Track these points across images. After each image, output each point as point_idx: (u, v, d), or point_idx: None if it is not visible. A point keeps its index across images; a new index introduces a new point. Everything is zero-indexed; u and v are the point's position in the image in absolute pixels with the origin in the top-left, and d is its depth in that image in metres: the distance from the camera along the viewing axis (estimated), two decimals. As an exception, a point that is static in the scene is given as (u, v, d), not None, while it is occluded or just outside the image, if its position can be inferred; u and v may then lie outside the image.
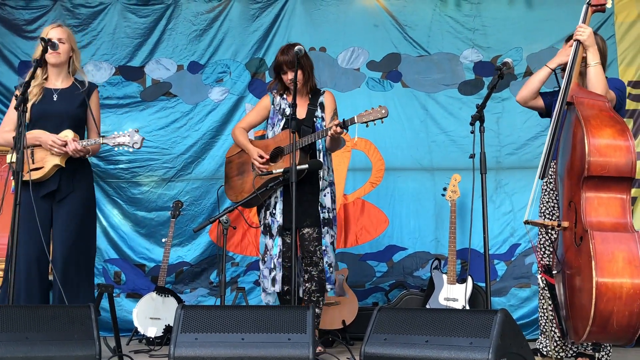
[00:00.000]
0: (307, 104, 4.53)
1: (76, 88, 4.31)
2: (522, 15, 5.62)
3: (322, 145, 4.46)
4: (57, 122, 4.20)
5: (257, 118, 4.69)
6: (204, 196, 5.68)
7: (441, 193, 5.32)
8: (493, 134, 5.43)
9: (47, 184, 4.15)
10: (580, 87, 3.68)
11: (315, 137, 4.32)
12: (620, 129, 3.40)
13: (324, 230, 4.41)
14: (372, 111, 4.17)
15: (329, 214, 4.45)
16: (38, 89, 4.25)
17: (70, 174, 4.19)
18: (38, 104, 4.22)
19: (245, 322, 3.13)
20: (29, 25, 5.79)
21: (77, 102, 4.28)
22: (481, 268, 3.76)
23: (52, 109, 4.22)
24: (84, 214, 4.25)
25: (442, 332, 3.02)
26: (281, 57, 4.46)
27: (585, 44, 3.71)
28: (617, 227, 3.32)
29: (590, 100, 3.56)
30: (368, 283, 5.52)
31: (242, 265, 5.63)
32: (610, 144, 3.36)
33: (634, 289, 3.17)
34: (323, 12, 5.76)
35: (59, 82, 4.31)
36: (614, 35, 5.45)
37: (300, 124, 4.42)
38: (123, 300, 5.54)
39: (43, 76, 4.29)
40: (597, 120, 3.42)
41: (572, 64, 3.70)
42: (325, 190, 4.45)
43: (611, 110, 3.53)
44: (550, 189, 3.95)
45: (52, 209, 4.17)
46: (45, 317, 3.15)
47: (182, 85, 5.79)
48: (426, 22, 5.71)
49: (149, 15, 5.80)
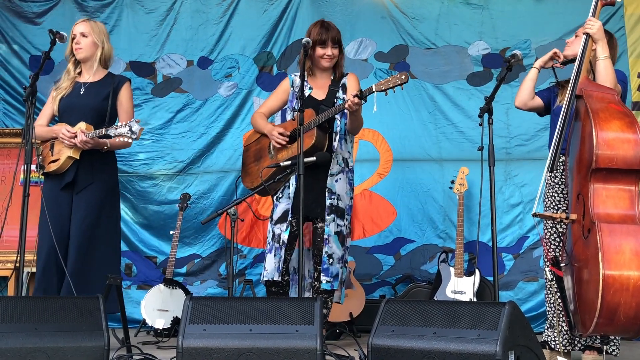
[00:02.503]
0: (328, 85, 4.34)
1: (106, 81, 4.33)
2: (530, 8, 5.61)
3: (340, 128, 4.21)
4: (81, 115, 4.21)
5: (277, 102, 4.48)
6: (213, 189, 5.71)
7: (449, 186, 5.31)
8: (502, 124, 5.43)
9: (63, 175, 4.18)
10: (589, 80, 3.67)
11: (332, 112, 4.06)
12: (629, 121, 3.40)
13: (329, 218, 4.15)
14: (390, 78, 3.87)
15: (339, 201, 4.19)
16: (69, 83, 4.30)
17: (88, 165, 4.19)
18: (66, 97, 4.27)
19: (253, 313, 3.13)
20: (37, 19, 5.82)
21: (103, 95, 4.29)
22: (489, 261, 3.76)
23: (77, 103, 4.25)
24: (104, 205, 4.24)
25: (450, 324, 3.01)
26: (325, 33, 4.22)
27: (594, 37, 3.69)
28: (625, 219, 3.32)
29: (600, 93, 3.55)
30: (375, 277, 5.53)
31: (249, 257, 5.65)
32: (619, 137, 3.35)
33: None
34: (330, 4, 5.77)
35: (89, 76, 4.34)
36: (623, 27, 5.45)
37: (319, 104, 4.21)
38: (134, 292, 5.59)
39: (76, 70, 4.34)
40: (605, 113, 3.42)
41: (581, 57, 3.67)
42: (338, 176, 4.20)
43: (620, 103, 3.53)
44: (555, 183, 3.95)
45: (72, 200, 4.18)
46: (54, 308, 3.16)
47: (192, 81, 5.82)
48: (434, 15, 5.71)
49: (157, 8, 5.82)
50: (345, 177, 4.24)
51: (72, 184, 4.17)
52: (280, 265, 4.15)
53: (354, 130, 4.31)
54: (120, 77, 4.41)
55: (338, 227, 4.19)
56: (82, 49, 4.28)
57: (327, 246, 4.15)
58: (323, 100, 4.27)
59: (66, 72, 4.37)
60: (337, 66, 4.35)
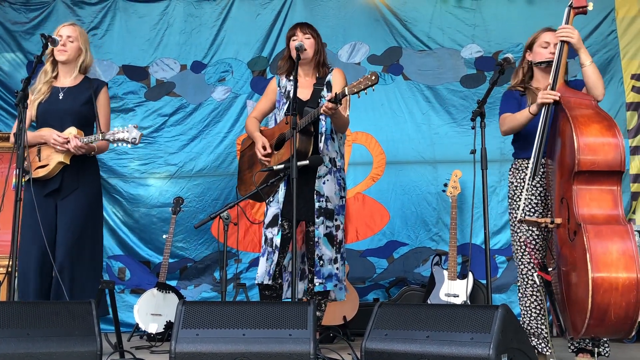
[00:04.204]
0: (313, 83, 4.32)
1: (84, 86, 4.30)
2: (522, 11, 5.63)
3: (325, 129, 4.19)
4: (61, 120, 4.20)
5: (268, 104, 4.49)
6: (206, 193, 5.70)
7: (442, 189, 5.32)
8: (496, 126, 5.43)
9: (49, 182, 4.15)
10: (566, 87, 3.75)
11: (311, 117, 4.03)
12: (608, 124, 3.48)
13: (319, 221, 4.14)
14: (362, 80, 3.80)
15: (328, 203, 4.18)
16: (46, 87, 4.26)
17: (74, 171, 4.18)
18: (45, 102, 4.23)
19: (246, 317, 3.13)
20: (29, 24, 5.80)
21: (83, 100, 4.27)
22: (482, 264, 3.77)
23: (57, 107, 4.22)
24: (89, 211, 4.23)
25: (443, 327, 3.02)
26: (294, 27, 4.30)
27: (575, 46, 3.73)
28: (610, 219, 3.38)
29: (577, 99, 3.64)
30: (368, 280, 5.52)
31: (244, 262, 5.64)
32: (599, 140, 3.42)
33: (630, 280, 3.21)
34: (323, 8, 5.77)
35: (67, 81, 4.31)
36: (615, 30, 5.50)
37: (303, 106, 4.16)
38: (127, 296, 5.57)
39: (52, 74, 4.30)
40: (584, 118, 3.50)
41: (557, 65, 3.73)
42: (325, 178, 4.19)
43: (598, 107, 3.62)
44: (533, 186, 3.95)
45: (57, 207, 4.16)
46: (47, 313, 3.15)
47: (185, 85, 5.81)
48: (427, 17, 5.72)
49: (151, 12, 5.82)
50: (333, 177, 4.22)
51: (57, 190, 4.15)
52: (272, 268, 4.15)
53: (340, 130, 4.27)
54: (98, 82, 4.41)
55: (327, 228, 4.19)
56: (66, 52, 4.24)
57: (317, 249, 4.16)
58: (307, 100, 4.24)
59: (43, 73, 4.29)
60: (319, 63, 4.33)
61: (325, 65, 4.36)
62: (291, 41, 4.28)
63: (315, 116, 4.03)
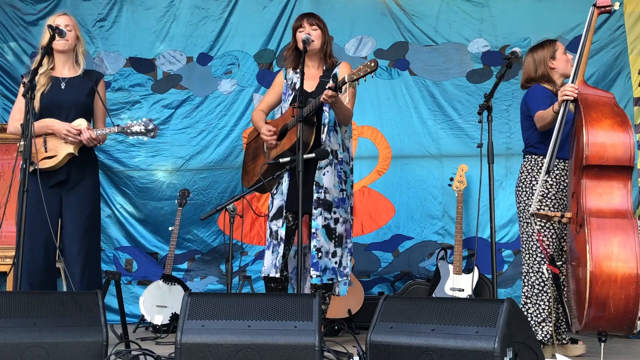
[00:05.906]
0: (319, 75, 4.29)
1: (84, 77, 4.30)
2: (530, 6, 5.62)
3: (328, 120, 4.13)
4: (67, 111, 4.20)
5: (274, 96, 4.46)
6: (212, 185, 5.72)
7: (448, 183, 5.32)
8: (503, 120, 5.44)
9: (56, 173, 4.14)
10: (585, 84, 3.76)
11: (313, 106, 3.99)
12: (621, 120, 3.50)
13: (316, 212, 4.09)
14: (361, 67, 3.78)
15: (326, 194, 4.13)
16: (45, 78, 4.23)
17: (80, 163, 4.19)
18: (47, 93, 4.21)
19: (251, 309, 3.13)
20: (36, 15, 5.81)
21: (86, 91, 4.28)
22: (488, 258, 3.77)
23: (62, 98, 4.21)
24: (93, 203, 4.26)
25: (448, 320, 3.01)
26: (301, 18, 4.28)
27: None
28: (616, 214, 3.41)
29: (595, 96, 3.66)
30: (373, 273, 5.53)
31: (251, 254, 5.66)
32: (609, 134, 3.45)
33: (629, 272, 3.22)
34: (330, 1, 5.77)
35: (65, 71, 4.30)
36: (623, 25, 5.49)
37: (308, 97, 4.09)
38: (135, 288, 5.61)
39: (49, 65, 4.27)
40: (597, 113, 3.52)
41: (577, 64, 3.76)
42: (325, 169, 4.14)
43: (615, 104, 3.63)
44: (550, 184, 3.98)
45: (62, 198, 4.18)
46: (53, 304, 3.16)
47: (192, 77, 5.82)
48: (434, 12, 5.71)
49: (157, 4, 5.82)
50: (333, 169, 4.17)
51: (63, 182, 4.15)
52: (278, 261, 4.14)
53: (342, 122, 4.22)
54: (97, 73, 4.43)
55: (326, 220, 4.14)
56: (68, 41, 4.22)
57: (314, 240, 4.11)
58: (312, 92, 4.21)
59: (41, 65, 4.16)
60: (327, 54, 4.31)
61: (332, 56, 4.34)
62: (297, 32, 4.27)
63: (317, 104, 4.00)
